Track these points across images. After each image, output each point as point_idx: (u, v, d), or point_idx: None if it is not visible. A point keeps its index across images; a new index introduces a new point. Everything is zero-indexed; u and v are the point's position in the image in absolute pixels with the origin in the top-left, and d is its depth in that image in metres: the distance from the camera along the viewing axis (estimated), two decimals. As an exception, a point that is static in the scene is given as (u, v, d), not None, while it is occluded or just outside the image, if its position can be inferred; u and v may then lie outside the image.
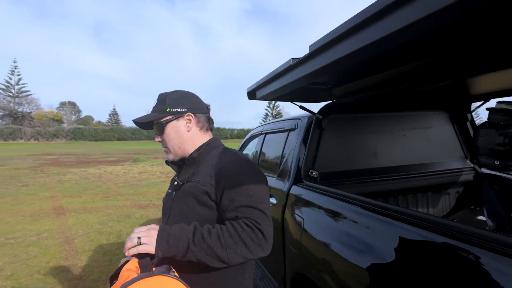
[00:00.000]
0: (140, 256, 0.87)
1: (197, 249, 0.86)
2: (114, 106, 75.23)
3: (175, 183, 1.11)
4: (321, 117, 2.07)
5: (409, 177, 2.41)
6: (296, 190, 1.98)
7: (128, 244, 0.87)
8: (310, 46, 1.18)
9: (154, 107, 1.13)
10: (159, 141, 1.15)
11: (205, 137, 1.17)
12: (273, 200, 2.19)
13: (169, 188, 1.17)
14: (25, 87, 61.01)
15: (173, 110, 1.09)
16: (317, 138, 2.11)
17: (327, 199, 1.63)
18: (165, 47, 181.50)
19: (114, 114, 76.61)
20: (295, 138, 2.24)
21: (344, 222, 1.44)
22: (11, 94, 59.55)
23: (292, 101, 2.25)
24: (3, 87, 58.60)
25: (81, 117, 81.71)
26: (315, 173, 2.05)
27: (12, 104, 59.92)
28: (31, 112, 61.60)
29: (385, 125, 2.46)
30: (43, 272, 3.41)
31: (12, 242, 4.38)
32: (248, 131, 67.41)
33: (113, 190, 8.55)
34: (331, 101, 2.13)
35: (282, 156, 2.35)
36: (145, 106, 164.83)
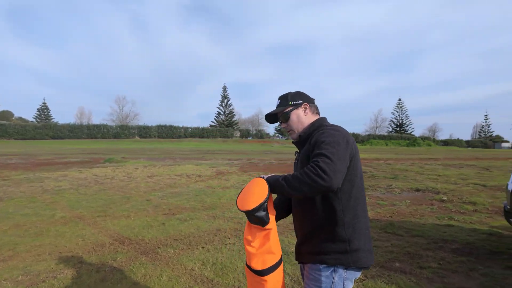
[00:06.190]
0: None
1: (283, 183, 1.26)
2: (44, 100, 62.82)
3: (296, 154, 1.56)
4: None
5: None
6: None
7: None
8: None
9: (278, 105, 1.57)
10: (284, 127, 1.57)
11: (315, 118, 1.55)
12: None
13: (295, 159, 1.57)
14: None
15: (294, 102, 1.53)
16: None
17: None
18: (101, 39, 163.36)
19: (44, 109, 65.77)
20: None
21: None
22: None
23: None
24: None
25: (-3, 112, 68.85)
26: None
27: None
28: None
29: None
30: None
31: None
32: (203, 129, 65.32)
33: (163, 203, 6.08)
34: None
35: None
36: (81, 103, 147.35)
